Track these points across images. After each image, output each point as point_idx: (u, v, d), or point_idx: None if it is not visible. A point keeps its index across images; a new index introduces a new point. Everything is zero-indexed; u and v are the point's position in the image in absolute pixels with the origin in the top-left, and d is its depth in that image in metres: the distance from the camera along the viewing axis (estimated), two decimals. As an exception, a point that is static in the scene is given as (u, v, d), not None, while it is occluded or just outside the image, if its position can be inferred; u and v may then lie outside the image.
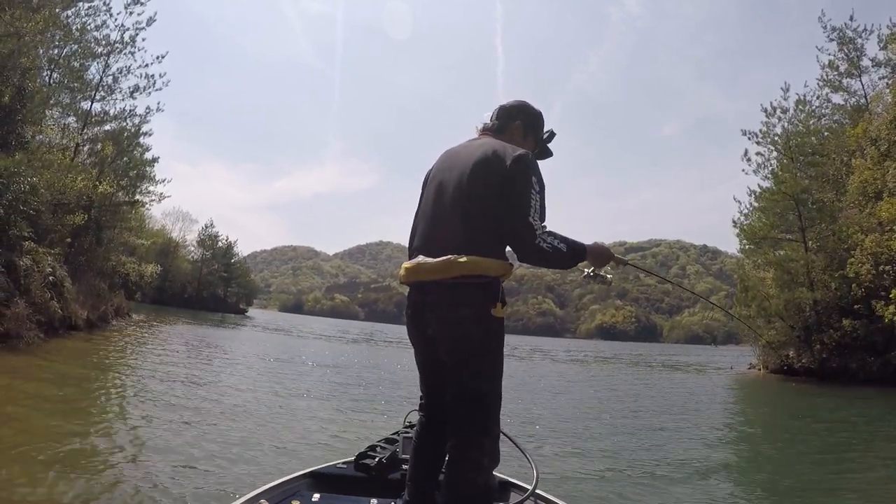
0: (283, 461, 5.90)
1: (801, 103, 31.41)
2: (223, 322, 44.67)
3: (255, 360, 17.48)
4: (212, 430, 7.16)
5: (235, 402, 9.51)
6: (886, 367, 23.13)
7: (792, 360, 28.60)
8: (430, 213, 2.56)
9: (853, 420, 13.55)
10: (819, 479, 7.04)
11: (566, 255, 2.38)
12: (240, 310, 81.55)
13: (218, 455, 5.92)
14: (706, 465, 7.54)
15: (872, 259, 23.40)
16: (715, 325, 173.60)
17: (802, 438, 10.49)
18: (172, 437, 6.53)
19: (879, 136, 25.67)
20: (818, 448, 9.49)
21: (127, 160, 26.82)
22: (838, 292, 26.53)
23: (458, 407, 2.37)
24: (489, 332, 2.36)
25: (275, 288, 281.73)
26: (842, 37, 30.46)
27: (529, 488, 2.93)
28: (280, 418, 8.51)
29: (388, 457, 3.30)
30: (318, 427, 8.11)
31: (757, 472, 7.52)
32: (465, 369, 2.36)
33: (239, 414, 8.49)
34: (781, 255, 30.59)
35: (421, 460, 2.62)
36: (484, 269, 2.31)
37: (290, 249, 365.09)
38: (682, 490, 6.08)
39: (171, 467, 5.31)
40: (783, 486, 6.71)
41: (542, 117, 2.83)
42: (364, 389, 13.13)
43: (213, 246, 79.02)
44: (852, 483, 6.96)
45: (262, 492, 2.90)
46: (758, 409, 16.75)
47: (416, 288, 2.50)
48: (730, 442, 10.33)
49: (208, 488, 4.86)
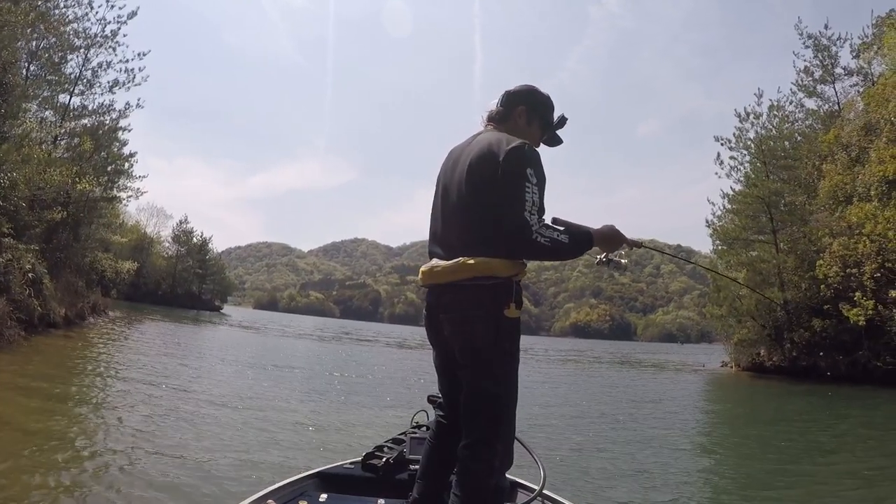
0: (286, 462, 5.97)
1: (775, 108, 32.11)
2: (199, 320, 44.24)
3: (245, 360, 17.40)
4: (210, 430, 7.20)
5: (232, 401, 9.57)
6: (854, 365, 23.78)
7: (763, 358, 29.24)
8: (439, 215, 2.55)
9: (823, 416, 14.03)
10: (800, 472, 7.29)
11: (569, 246, 2.29)
12: (215, 307, 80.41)
13: (221, 456, 5.98)
14: (701, 464, 7.85)
15: (840, 261, 24.00)
16: (688, 323, 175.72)
17: (783, 435, 10.77)
18: (173, 437, 6.58)
19: (850, 143, 26.38)
20: (797, 444, 9.77)
21: (105, 155, 26.55)
22: (808, 293, 27.18)
23: (471, 408, 2.35)
24: (502, 333, 2.30)
25: (249, 285, 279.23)
26: (817, 44, 31.29)
27: (537, 488, 2.90)
28: (278, 418, 8.54)
29: (396, 457, 3.31)
30: (325, 427, 8.19)
31: (739, 469, 7.80)
32: (479, 371, 2.33)
33: (237, 414, 8.54)
34: (753, 255, 31.14)
35: (432, 459, 2.63)
36: (494, 269, 2.27)
37: (265, 246, 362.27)
38: (681, 490, 6.28)
39: (174, 468, 5.35)
40: (763, 481, 6.93)
41: (549, 102, 2.74)
42: (369, 389, 13.19)
43: (188, 242, 77.63)
44: (820, 474, 7.30)
45: (269, 492, 2.92)
46: (734, 407, 17.08)
47: (431, 290, 2.48)
48: (716, 441, 10.65)
49: (215, 489, 4.89)
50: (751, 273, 30.13)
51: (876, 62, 29.35)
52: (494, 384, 2.33)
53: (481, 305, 2.30)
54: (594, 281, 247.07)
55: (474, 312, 2.31)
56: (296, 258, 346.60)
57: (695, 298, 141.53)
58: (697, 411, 14.77)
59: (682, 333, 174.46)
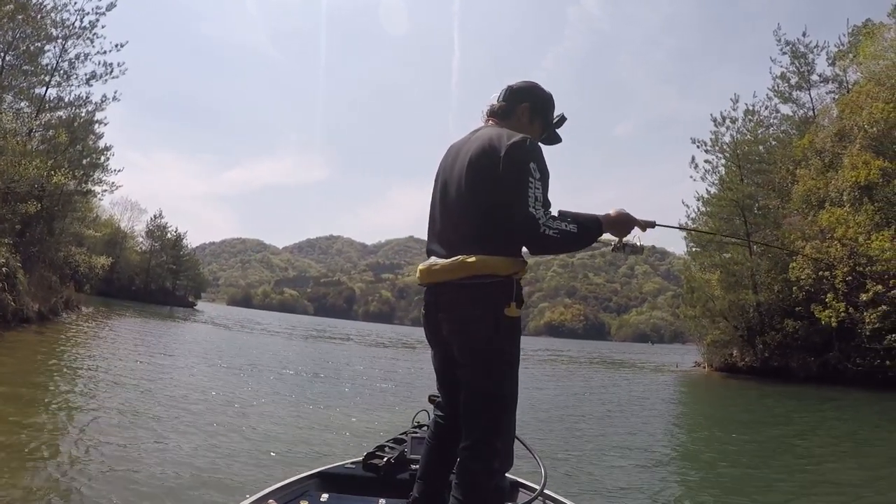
0: (286, 461, 5.96)
1: (750, 113, 32.60)
2: (173, 316, 43.58)
3: (224, 360, 17.19)
4: (206, 430, 7.16)
5: (226, 400, 9.55)
6: (825, 366, 24.30)
7: (735, 358, 29.67)
8: (438, 213, 2.51)
9: (792, 415, 14.38)
10: (771, 471, 7.48)
11: (579, 235, 2.25)
12: (188, 303, 79.47)
13: (220, 456, 5.97)
14: (694, 463, 8.02)
15: (813, 264, 24.48)
16: (662, 324, 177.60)
17: (759, 434, 10.99)
18: (171, 437, 6.54)
19: (824, 148, 26.96)
20: (777, 445, 10.00)
21: (80, 148, 26.15)
22: (780, 295, 27.69)
23: (471, 408, 2.31)
24: (502, 332, 2.26)
25: (223, 281, 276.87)
26: (794, 51, 31.99)
27: (538, 488, 2.91)
28: (274, 418, 8.52)
29: (397, 457, 3.30)
30: (321, 427, 8.17)
31: (711, 466, 7.95)
32: (478, 370, 2.29)
33: (233, 414, 8.50)
34: (727, 257, 31.51)
35: (432, 459, 2.60)
36: (493, 268, 2.23)
37: (239, 242, 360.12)
38: (682, 489, 6.42)
39: (174, 468, 5.35)
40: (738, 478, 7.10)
41: (551, 101, 2.69)
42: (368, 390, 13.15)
43: (162, 237, 76.53)
44: (793, 472, 7.53)
45: (270, 492, 2.90)
46: (706, 408, 17.35)
47: (429, 289, 2.44)
48: (697, 442, 10.85)
49: (214, 489, 4.89)
50: (724, 275, 30.53)
51: (851, 70, 30.08)
52: (495, 384, 2.29)
53: (481, 304, 2.26)
54: (569, 281, 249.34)
55: (474, 312, 2.27)
56: (270, 255, 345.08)
57: (668, 299, 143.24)
58: (675, 412, 15.05)
59: (656, 334, 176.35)
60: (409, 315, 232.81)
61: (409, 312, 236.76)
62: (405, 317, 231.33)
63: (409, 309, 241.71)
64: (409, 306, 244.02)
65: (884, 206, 23.45)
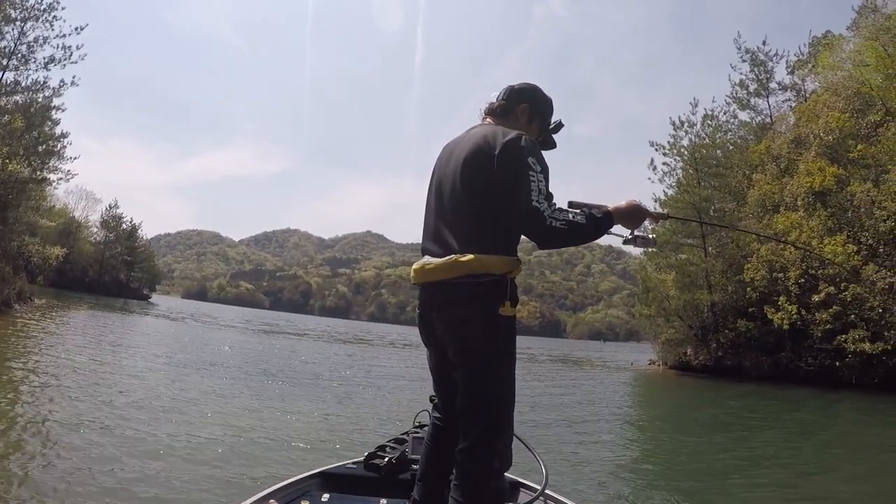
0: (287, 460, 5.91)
1: (709, 118, 33.25)
2: (128, 309, 42.30)
3: (179, 356, 16.92)
4: (203, 429, 7.03)
5: (216, 397, 9.40)
6: (777, 365, 25.06)
7: (689, 357, 30.35)
8: (433, 211, 2.46)
9: (744, 413, 14.80)
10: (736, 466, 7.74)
11: (587, 226, 2.21)
12: (143, 295, 77.28)
13: (220, 456, 5.90)
14: (684, 461, 8.17)
15: (767, 266, 25.23)
16: (617, 322, 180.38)
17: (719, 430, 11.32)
18: (166, 438, 6.38)
19: (780, 154, 27.83)
20: (735, 439, 10.29)
21: (36, 135, 25.31)
22: (734, 295, 28.45)
23: (467, 409, 2.28)
24: (497, 331, 2.22)
25: (178, 273, 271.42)
26: (754, 59, 32.90)
27: (539, 488, 2.91)
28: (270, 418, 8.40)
29: (398, 457, 3.29)
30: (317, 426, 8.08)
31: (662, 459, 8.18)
32: (473, 370, 2.26)
33: (231, 413, 8.37)
34: (682, 258, 32.13)
35: (432, 460, 2.58)
36: (488, 266, 2.18)
37: (196, 234, 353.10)
38: (679, 487, 6.55)
39: (174, 468, 5.27)
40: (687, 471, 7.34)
41: (551, 104, 2.66)
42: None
43: (117, 228, 74.10)
44: (743, 466, 7.80)
45: (271, 492, 2.89)
46: (667, 405, 17.77)
47: (423, 289, 2.40)
48: (657, 437, 11.10)
49: (216, 489, 4.84)
50: (679, 275, 31.17)
51: (809, 79, 31.26)
52: (491, 384, 2.25)
53: (476, 304, 2.21)
54: (525, 278, 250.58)
55: (468, 311, 2.22)
56: (227, 247, 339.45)
57: (624, 298, 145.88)
58: (633, 410, 15.27)
59: (611, 332, 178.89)
60: (366, 310, 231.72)
61: (365, 308, 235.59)
62: (362, 312, 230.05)
63: (365, 304, 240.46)
64: (366, 301, 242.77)
65: (837, 212, 24.31)
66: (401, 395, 12.25)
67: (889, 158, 22.73)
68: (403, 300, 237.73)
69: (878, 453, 9.58)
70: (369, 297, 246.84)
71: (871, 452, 9.65)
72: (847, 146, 24.56)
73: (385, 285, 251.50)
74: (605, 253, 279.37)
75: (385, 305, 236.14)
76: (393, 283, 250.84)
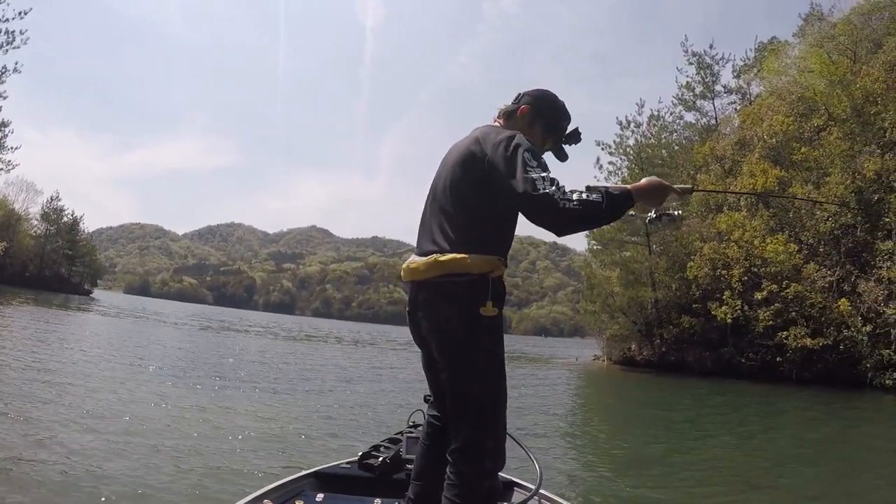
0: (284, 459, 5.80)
1: (655, 118, 34.04)
2: (69, 306, 40.31)
3: (128, 355, 16.24)
4: (196, 428, 6.83)
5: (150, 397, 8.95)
6: (720, 360, 25.76)
7: (634, 352, 31.07)
8: (426, 211, 2.44)
9: (686, 405, 15.36)
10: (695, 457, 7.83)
11: (604, 206, 2.03)
12: (84, 291, 74.42)
13: (215, 455, 5.76)
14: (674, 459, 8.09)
15: (710, 264, 25.88)
16: (562, 318, 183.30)
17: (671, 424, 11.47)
18: (160, 438, 6.15)
19: (724, 156, 28.63)
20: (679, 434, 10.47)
21: (-26, 124, 24.16)
22: (678, 292, 29.17)
23: (455, 410, 2.26)
24: (478, 331, 2.17)
25: (120, 268, 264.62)
26: (700, 62, 33.65)
27: (533, 488, 2.90)
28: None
29: (392, 456, 3.29)
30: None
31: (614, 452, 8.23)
32: (457, 371, 2.23)
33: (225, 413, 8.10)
34: (627, 256, 32.73)
35: (428, 459, 2.56)
36: (466, 266, 2.15)
37: (138, 227, 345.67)
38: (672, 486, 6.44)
39: (170, 468, 5.16)
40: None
41: (558, 108, 2.56)
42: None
43: (59, 221, 71.64)
44: (687, 456, 8.07)
45: (265, 492, 2.87)
46: (608, 398, 18.02)
47: (411, 288, 2.36)
48: (597, 425, 11.16)
49: (209, 489, 4.75)
50: (624, 272, 31.77)
51: (754, 83, 32.19)
52: (475, 383, 2.21)
53: (455, 304, 2.18)
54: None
55: (448, 311, 2.20)
56: (170, 241, 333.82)
57: (569, 294, 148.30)
58: (577, 403, 15.51)
59: (556, 327, 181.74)
60: (311, 306, 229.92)
61: (310, 303, 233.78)
62: (307, 308, 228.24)
63: (310, 300, 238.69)
64: (311, 297, 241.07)
65: (778, 213, 25.14)
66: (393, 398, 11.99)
67: (830, 162, 23.68)
68: (348, 296, 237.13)
69: (819, 445, 9.88)
70: (314, 292, 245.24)
71: (813, 445, 9.92)
72: (790, 149, 25.46)
73: (330, 280, 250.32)
74: (550, 250, 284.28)
75: (330, 301, 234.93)
76: (338, 279, 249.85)
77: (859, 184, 22.66)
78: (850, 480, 7.01)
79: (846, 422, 13.68)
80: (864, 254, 23.14)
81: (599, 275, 33.60)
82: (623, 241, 32.64)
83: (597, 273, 33.88)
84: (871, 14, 26.85)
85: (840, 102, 23.98)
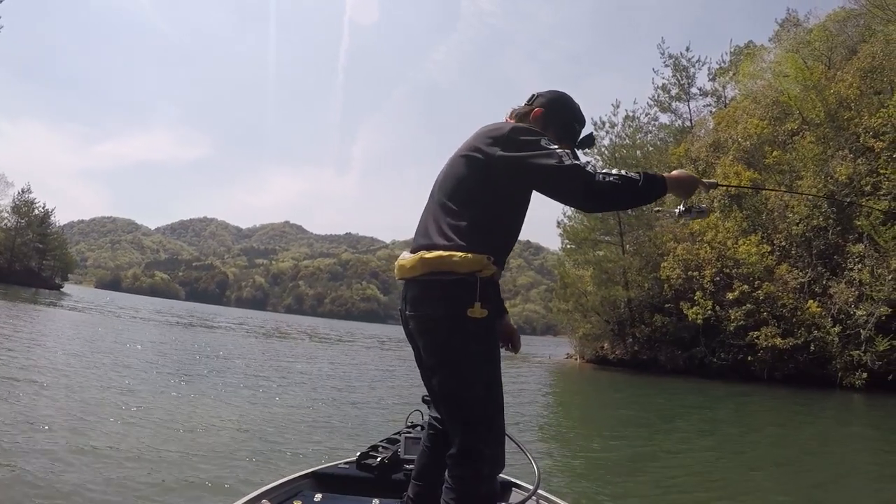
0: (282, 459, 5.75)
1: (630, 119, 34.21)
2: (40, 299, 39.29)
3: (103, 350, 15.79)
4: (193, 428, 6.76)
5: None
6: (691, 359, 26.05)
7: (606, 351, 31.23)
8: (426, 207, 2.37)
9: (660, 403, 15.56)
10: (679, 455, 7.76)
11: (640, 184, 1.99)
12: (55, 285, 73.52)
13: (212, 456, 5.65)
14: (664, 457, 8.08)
15: (683, 264, 26.10)
16: (535, 316, 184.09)
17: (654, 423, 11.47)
18: (157, 439, 6.02)
19: (699, 157, 28.88)
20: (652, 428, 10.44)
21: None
22: (651, 292, 29.38)
23: (447, 414, 2.22)
24: (465, 334, 2.08)
25: (91, 262, 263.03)
26: (676, 64, 33.95)
27: (531, 488, 2.88)
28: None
29: (391, 457, 3.27)
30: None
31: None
32: (445, 374, 2.16)
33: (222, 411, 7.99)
34: (600, 255, 32.82)
35: (428, 460, 2.52)
36: (452, 265, 2.06)
37: (110, 221, 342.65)
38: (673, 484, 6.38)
39: (165, 467, 5.06)
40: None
41: (572, 111, 2.49)
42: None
43: (29, 213, 70.65)
44: (664, 451, 8.09)
45: (263, 492, 2.85)
46: (578, 396, 18.06)
47: (404, 285, 2.28)
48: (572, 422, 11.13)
49: (207, 488, 4.68)
50: (597, 272, 31.90)
51: (730, 86, 32.56)
52: (463, 388, 2.13)
53: (441, 304, 2.10)
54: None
55: (433, 311, 2.12)
56: (142, 235, 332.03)
57: (541, 293, 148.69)
58: (551, 401, 15.50)
59: (528, 326, 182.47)
60: (283, 302, 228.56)
61: (283, 299, 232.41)
62: (279, 304, 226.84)
63: (282, 296, 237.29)
64: (283, 293, 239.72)
65: (751, 214, 25.43)
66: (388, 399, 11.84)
67: (803, 165, 24.05)
68: (321, 292, 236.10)
69: (791, 445, 9.94)
70: (287, 288, 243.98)
71: (783, 443, 10.05)
72: (763, 152, 25.82)
73: (303, 277, 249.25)
74: (524, 248, 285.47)
75: (303, 297, 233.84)
76: (311, 275, 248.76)
77: (832, 188, 22.98)
78: (821, 479, 7.03)
79: (816, 421, 13.88)
80: (835, 256, 23.50)
81: (573, 274, 33.70)
82: (597, 241, 32.79)
83: (570, 272, 33.95)
84: (847, 21, 27.34)
85: (814, 107, 24.38)
